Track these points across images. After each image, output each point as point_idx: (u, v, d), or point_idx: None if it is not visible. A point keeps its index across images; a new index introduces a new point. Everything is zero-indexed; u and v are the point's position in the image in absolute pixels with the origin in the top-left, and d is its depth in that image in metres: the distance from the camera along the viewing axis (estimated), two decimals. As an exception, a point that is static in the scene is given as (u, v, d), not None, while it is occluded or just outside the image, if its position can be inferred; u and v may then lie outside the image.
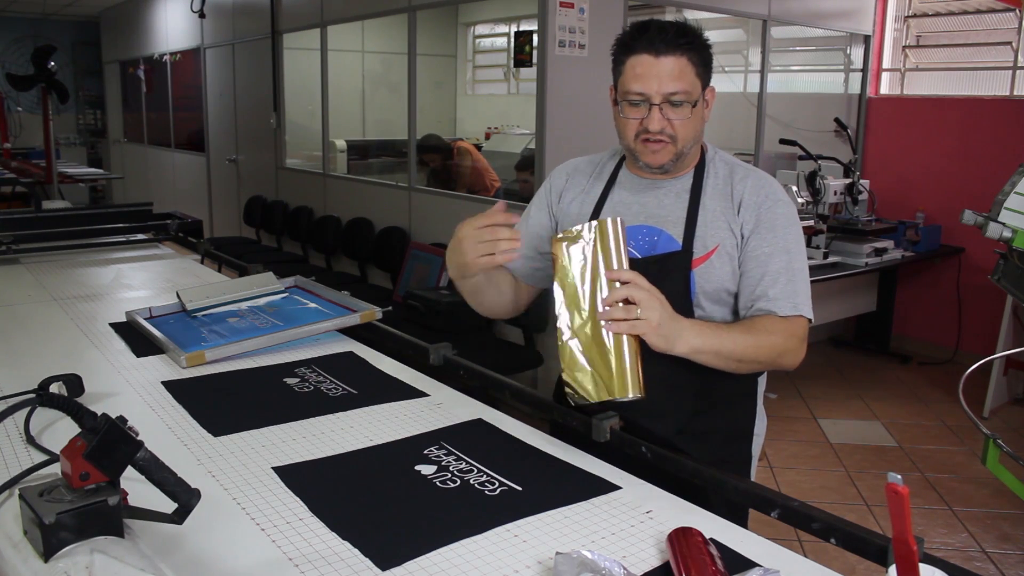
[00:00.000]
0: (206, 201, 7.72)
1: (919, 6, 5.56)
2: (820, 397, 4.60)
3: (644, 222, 1.56)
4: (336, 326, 2.01)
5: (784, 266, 1.49)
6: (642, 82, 1.47)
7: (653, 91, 1.46)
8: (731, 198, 1.54)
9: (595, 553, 0.99)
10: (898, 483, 0.80)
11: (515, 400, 1.65)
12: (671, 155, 1.51)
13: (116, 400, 1.57)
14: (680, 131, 1.48)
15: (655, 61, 1.46)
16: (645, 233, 1.55)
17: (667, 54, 1.45)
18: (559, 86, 3.90)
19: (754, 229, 1.51)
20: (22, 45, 9.79)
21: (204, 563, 1.03)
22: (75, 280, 2.56)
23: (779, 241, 1.50)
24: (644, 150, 1.51)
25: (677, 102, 1.46)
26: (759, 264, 1.50)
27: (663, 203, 1.56)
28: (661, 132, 1.48)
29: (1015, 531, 3.19)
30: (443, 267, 4.50)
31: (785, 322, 1.47)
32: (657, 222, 1.55)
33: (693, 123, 1.49)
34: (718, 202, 1.54)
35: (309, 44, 5.77)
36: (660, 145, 1.49)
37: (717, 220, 1.53)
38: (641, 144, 1.51)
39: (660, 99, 1.46)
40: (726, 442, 1.63)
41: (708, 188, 1.56)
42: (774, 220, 1.51)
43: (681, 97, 1.46)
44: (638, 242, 1.55)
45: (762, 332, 1.45)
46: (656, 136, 1.48)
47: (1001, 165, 4.11)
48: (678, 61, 1.45)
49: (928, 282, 5.42)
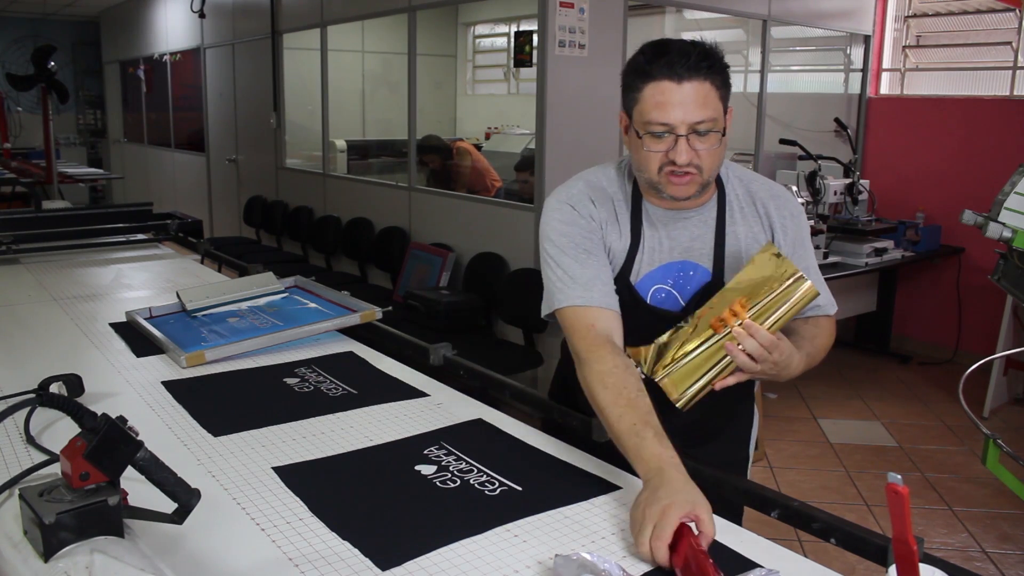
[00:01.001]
0: (206, 201, 7.72)
1: (919, 6, 5.56)
2: (820, 397, 4.60)
3: (677, 257, 1.51)
4: (336, 326, 2.01)
5: (816, 273, 1.55)
6: (665, 112, 1.35)
7: (678, 121, 1.35)
8: (759, 220, 1.53)
9: (595, 555, 0.99)
10: (898, 483, 0.80)
11: (515, 400, 1.66)
12: (697, 187, 1.42)
13: (116, 400, 1.57)
14: (706, 161, 1.39)
15: (677, 88, 1.34)
16: (679, 268, 1.50)
17: (689, 79, 1.34)
18: (559, 86, 3.89)
19: (794, 251, 1.52)
20: (22, 45, 9.79)
21: (204, 563, 1.03)
22: (75, 280, 2.56)
23: (809, 253, 1.57)
24: (668, 183, 1.41)
25: (704, 131, 1.36)
26: None
27: (694, 235, 1.51)
28: (689, 164, 1.37)
29: (1015, 531, 3.19)
30: (443, 267, 4.51)
31: (831, 320, 1.58)
32: (690, 255, 1.50)
33: (718, 151, 1.40)
34: (747, 228, 1.52)
35: (309, 44, 5.77)
36: (687, 178, 1.39)
37: (751, 248, 1.50)
38: (666, 177, 1.40)
39: (686, 129, 1.35)
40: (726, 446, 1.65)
41: (735, 214, 1.52)
42: (802, 234, 1.56)
43: (708, 126, 1.36)
44: (675, 279, 1.50)
45: (823, 337, 1.54)
46: (683, 168, 1.38)
47: (1001, 165, 4.11)
48: (701, 86, 1.34)
49: (928, 282, 5.42)
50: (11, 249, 2.77)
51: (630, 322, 1.46)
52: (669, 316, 1.47)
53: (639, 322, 1.47)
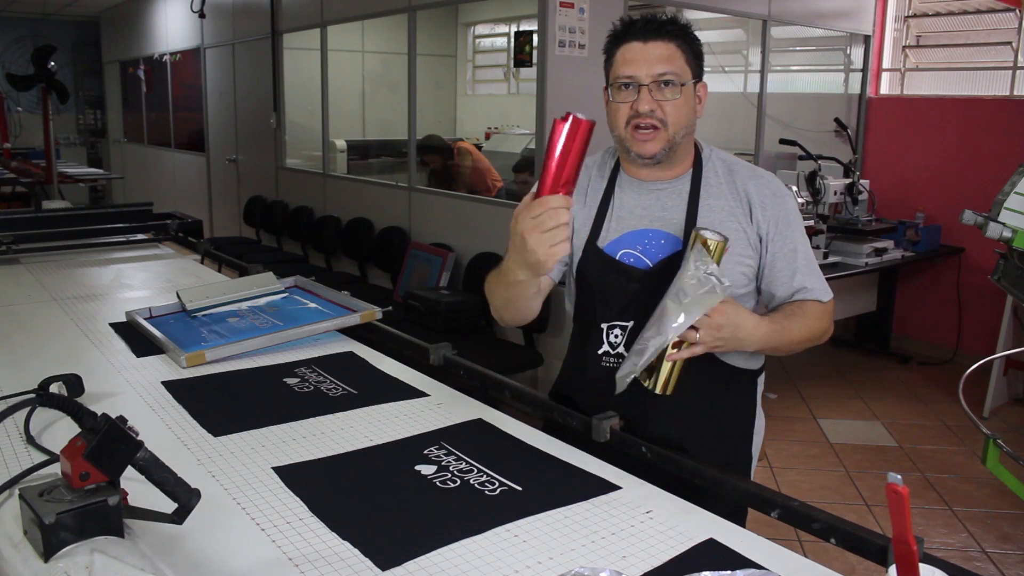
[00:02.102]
0: (206, 201, 7.72)
1: (919, 6, 5.56)
2: (820, 397, 4.60)
3: (649, 225, 1.56)
4: (336, 326, 2.01)
5: (806, 257, 1.57)
6: (631, 66, 1.47)
7: (643, 73, 1.46)
8: (739, 198, 1.55)
9: (588, 568, 0.99)
10: (898, 483, 0.80)
11: (515, 400, 1.65)
12: (663, 143, 1.49)
13: (116, 400, 1.57)
14: (671, 115, 1.47)
15: (644, 46, 1.48)
16: (651, 236, 1.55)
17: (656, 39, 1.47)
18: (559, 86, 3.89)
19: (775, 231, 1.55)
20: (22, 45, 9.79)
21: (204, 563, 1.03)
22: (75, 280, 2.56)
23: (797, 235, 1.57)
24: (634, 139, 1.50)
25: (667, 82, 1.46)
26: (788, 261, 1.55)
27: (666, 205, 1.56)
28: (651, 114, 1.47)
29: (1015, 531, 3.19)
30: (443, 267, 4.51)
31: (824, 307, 1.58)
32: (662, 224, 1.55)
33: (684, 108, 1.49)
34: (724, 201, 1.55)
35: (309, 44, 5.77)
36: (651, 133, 1.48)
37: (726, 221, 1.53)
38: (631, 132, 1.49)
39: (649, 80, 1.46)
40: (727, 444, 1.64)
41: (711, 187, 1.56)
42: (788, 216, 1.56)
43: (671, 78, 1.46)
44: (645, 246, 1.55)
45: (811, 318, 1.54)
46: (646, 120, 1.47)
47: (1001, 165, 4.11)
48: (667, 46, 1.47)
49: (928, 282, 5.42)
50: (11, 249, 2.77)
51: (600, 286, 1.56)
52: (637, 273, 1.53)
53: (607, 284, 1.55)
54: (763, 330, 1.44)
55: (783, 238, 1.55)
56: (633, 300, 1.53)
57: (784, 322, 1.50)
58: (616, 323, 1.56)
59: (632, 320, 1.54)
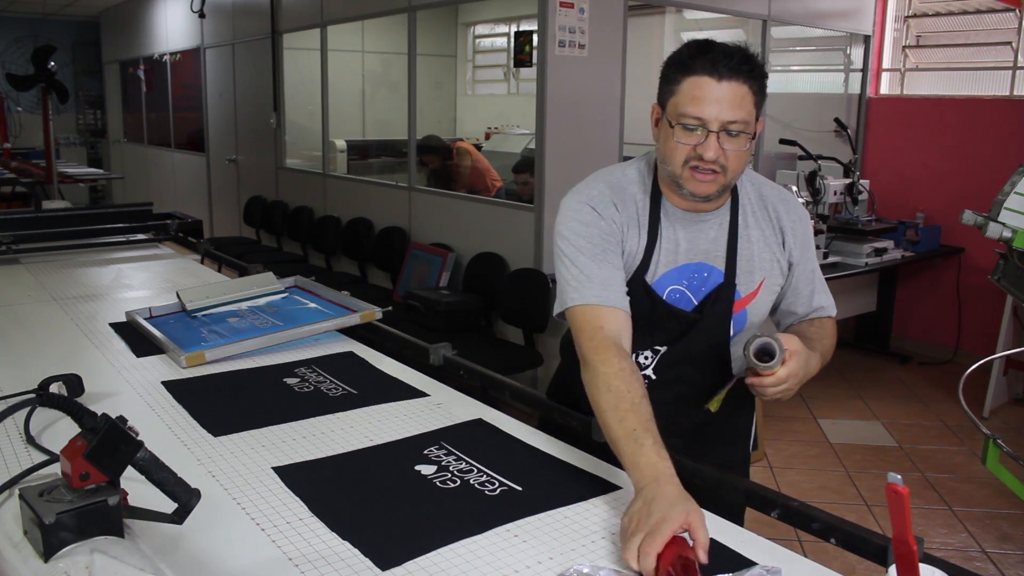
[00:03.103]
0: (206, 201, 7.72)
1: (919, 6, 5.56)
2: (820, 397, 4.60)
3: (693, 259, 1.52)
4: (336, 326, 2.01)
5: (820, 276, 1.61)
6: (701, 106, 1.35)
7: (712, 117, 1.35)
8: (772, 226, 1.55)
9: (588, 566, 0.99)
10: (898, 483, 0.80)
11: (515, 400, 1.66)
12: (719, 186, 1.42)
13: (116, 400, 1.57)
14: (732, 163, 1.39)
15: (716, 85, 1.35)
16: (695, 270, 1.52)
17: (729, 79, 1.35)
18: (559, 86, 3.89)
19: (801, 256, 1.57)
20: (22, 45, 9.79)
21: (204, 563, 1.03)
22: (75, 280, 2.56)
23: (813, 256, 1.61)
24: (691, 179, 1.41)
25: (735, 132, 1.36)
26: (808, 282, 1.59)
27: (709, 236, 1.52)
28: (715, 162, 1.38)
29: (1015, 531, 3.19)
30: (443, 267, 4.51)
31: (833, 321, 1.62)
32: (706, 258, 1.52)
33: (745, 156, 1.41)
34: (760, 231, 1.54)
35: (309, 44, 5.77)
36: (710, 176, 1.39)
37: (763, 253, 1.54)
38: (689, 172, 1.40)
39: (718, 126, 1.36)
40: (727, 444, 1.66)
41: (747, 217, 1.54)
42: (809, 239, 1.60)
43: (739, 127, 1.36)
44: (690, 279, 1.51)
45: (829, 337, 1.57)
46: (708, 165, 1.38)
47: (1001, 165, 4.11)
48: (740, 88, 1.36)
49: (928, 282, 5.42)
50: (11, 249, 2.77)
51: (644, 320, 1.48)
52: (682, 315, 1.50)
53: (653, 320, 1.50)
54: (815, 362, 1.43)
55: (805, 261, 1.58)
56: (674, 336, 1.53)
57: (820, 349, 1.50)
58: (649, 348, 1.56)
59: (666, 346, 1.55)
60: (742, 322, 1.54)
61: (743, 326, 1.55)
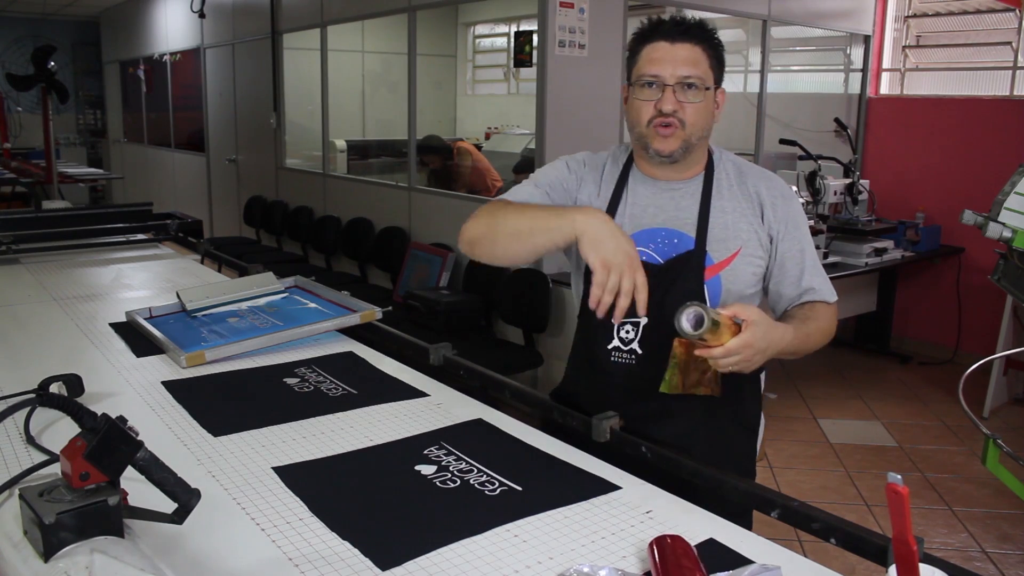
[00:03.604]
0: (206, 201, 7.72)
1: (919, 6, 5.56)
2: (820, 397, 4.60)
3: (663, 224, 1.57)
4: (336, 326, 2.01)
5: (813, 258, 1.60)
6: (657, 65, 1.50)
7: (668, 73, 1.49)
8: (750, 199, 1.58)
9: (588, 566, 0.99)
10: (898, 483, 0.80)
11: (515, 400, 1.66)
12: (680, 141, 1.52)
13: (116, 400, 1.57)
14: (690, 116, 1.50)
15: (671, 47, 1.50)
16: (664, 236, 1.57)
17: (683, 41, 1.50)
18: (559, 86, 3.90)
19: (785, 232, 1.57)
20: (22, 45, 9.79)
21: (204, 563, 1.03)
22: (75, 280, 2.56)
23: (803, 236, 1.59)
24: (655, 135, 1.52)
25: (691, 84, 1.49)
26: (796, 262, 1.58)
27: (680, 205, 1.58)
28: (673, 114, 1.49)
29: (1015, 531, 3.19)
30: (443, 267, 4.51)
31: (831, 308, 1.60)
32: (676, 224, 1.56)
33: (704, 112, 1.52)
34: (735, 202, 1.57)
35: (309, 44, 5.77)
36: (670, 130, 1.51)
37: (739, 222, 1.56)
38: (653, 129, 1.52)
39: (674, 81, 1.49)
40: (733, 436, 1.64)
41: (722, 189, 1.58)
42: (796, 218, 1.59)
43: (695, 81, 1.49)
44: (657, 245, 1.56)
45: (821, 320, 1.55)
46: (668, 119, 1.50)
47: (1001, 165, 4.11)
48: (693, 49, 1.50)
49: (928, 282, 5.42)
50: (11, 249, 2.77)
51: None
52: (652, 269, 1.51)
53: None
54: (789, 338, 1.43)
55: (792, 239, 1.57)
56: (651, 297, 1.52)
57: (803, 328, 1.50)
58: (627, 320, 1.54)
59: (645, 317, 1.53)
60: (717, 289, 1.54)
61: (719, 293, 1.54)
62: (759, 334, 1.33)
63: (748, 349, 1.32)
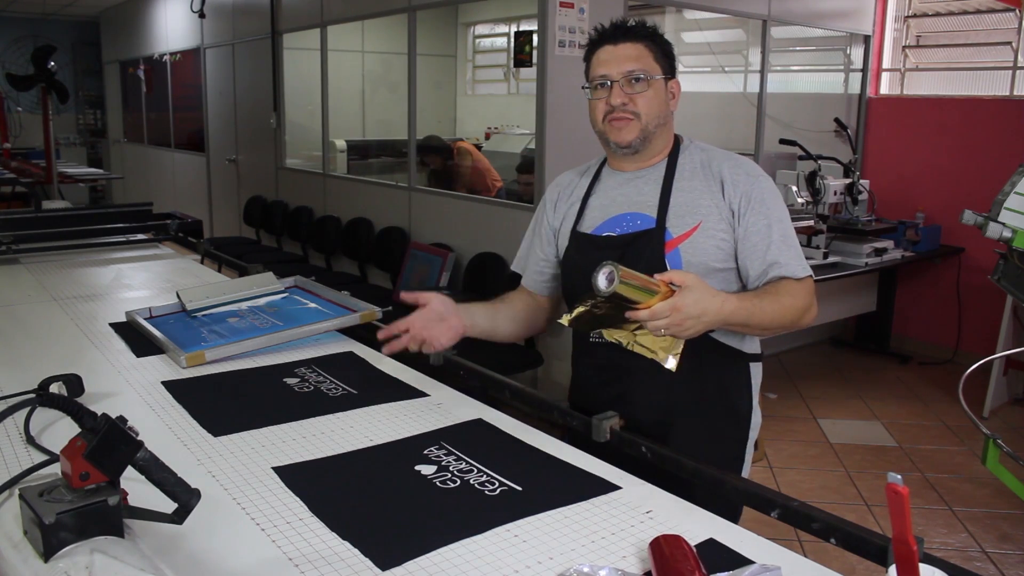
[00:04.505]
0: (206, 201, 7.72)
1: (919, 6, 5.56)
2: (820, 397, 4.60)
3: (627, 210, 1.65)
4: (336, 326, 2.01)
5: (782, 234, 1.58)
6: (604, 66, 1.62)
7: (614, 71, 1.60)
8: (712, 177, 1.62)
9: (588, 566, 0.99)
10: (898, 483, 0.80)
11: (515, 400, 1.66)
12: (636, 131, 1.61)
13: (116, 400, 1.57)
14: (643, 106, 1.60)
15: (615, 48, 1.62)
16: (628, 219, 1.64)
17: (625, 41, 1.62)
18: (559, 86, 3.89)
19: (748, 206, 1.58)
20: (22, 45, 9.79)
21: (204, 563, 1.03)
22: (75, 280, 2.56)
23: (772, 212, 1.59)
24: (611, 129, 1.62)
25: (636, 77, 1.59)
26: (761, 236, 1.57)
27: (643, 190, 1.65)
28: (624, 107, 1.59)
29: (1015, 531, 3.19)
30: (443, 267, 4.51)
31: (800, 284, 1.57)
32: (639, 208, 1.64)
33: (655, 101, 1.61)
34: (697, 181, 1.62)
35: (309, 44, 5.77)
36: (624, 122, 1.61)
37: (699, 199, 1.60)
38: (609, 124, 1.62)
39: (620, 76, 1.60)
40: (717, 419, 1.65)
41: (684, 172, 1.64)
42: (762, 194, 1.60)
43: (640, 74, 1.59)
44: (622, 227, 1.64)
45: (785, 295, 1.53)
46: (620, 113, 1.60)
47: (1001, 165, 4.11)
48: (635, 46, 1.61)
49: (928, 282, 5.42)
50: (11, 249, 2.77)
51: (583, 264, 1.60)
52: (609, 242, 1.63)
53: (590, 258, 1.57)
54: (731, 307, 1.43)
55: (756, 213, 1.58)
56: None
57: (755, 300, 1.49)
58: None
59: None
60: (677, 262, 1.57)
61: (679, 267, 1.56)
62: (690, 299, 1.35)
63: (677, 313, 1.34)
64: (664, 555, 1.01)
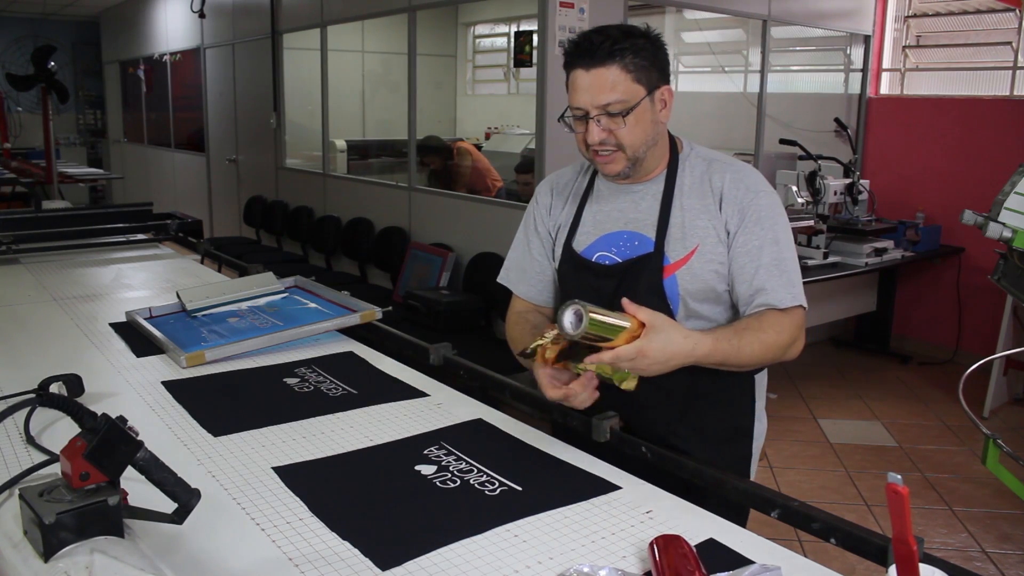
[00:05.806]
0: (206, 201, 7.72)
1: (919, 6, 5.56)
2: (820, 397, 4.60)
3: (624, 227, 1.55)
4: (336, 326, 2.01)
5: (775, 257, 1.46)
6: (578, 95, 1.49)
7: (587, 104, 1.47)
8: (711, 194, 1.51)
9: (588, 566, 0.99)
10: (898, 483, 0.80)
11: (515, 400, 1.66)
12: (624, 163, 1.49)
13: (116, 400, 1.57)
14: (625, 139, 1.46)
15: (587, 74, 1.47)
16: (625, 238, 1.55)
17: (597, 66, 1.45)
18: (559, 86, 3.87)
19: (741, 224, 1.47)
20: (22, 45, 9.79)
21: (204, 563, 1.03)
22: (75, 280, 2.56)
23: (767, 233, 1.47)
24: (597, 162, 1.52)
25: (614, 112, 1.45)
26: (751, 259, 1.47)
27: (640, 207, 1.55)
28: (603, 144, 1.47)
29: (1015, 531, 3.19)
30: (443, 267, 4.51)
31: (786, 316, 1.44)
32: (636, 226, 1.54)
33: (637, 129, 1.46)
34: (696, 200, 1.52)
35: (309, 44, 5.77)
36: (609, 156, 1.49)
37: (696, 219, 1.50)
38: (593, 155, 1.51)
39: (595, 111, 1.46)
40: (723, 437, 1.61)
41: (685, 187, 1.53)
42: (759, 212, 1.48)
43: (617, 107, 1.44)
44: (619, 248, 1.55)
45: (769, 330, 1.42)
46: (602, 148, 1.48)
47: (1001, 165, 4.11)
48: (608, 71, 1.44)
49: (928, 282, 5.42)
50: (11, 249, 2.77)
51: (577, 285, 1.58)
52: (604, 268, 1.55)
53: (584, 282, 1.56)
54: (704, 349, 1.34)
55: (748, 233, 1.47)
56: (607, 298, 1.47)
57: (733, 338, 1.39)
58: None
59: None
60: (674, 289, 1.49)
61: (676, 294, 1.49)
62: (657, 344, 1.27)
63: (643, 358, 1.26)
64: (664, 555, 1.01)
